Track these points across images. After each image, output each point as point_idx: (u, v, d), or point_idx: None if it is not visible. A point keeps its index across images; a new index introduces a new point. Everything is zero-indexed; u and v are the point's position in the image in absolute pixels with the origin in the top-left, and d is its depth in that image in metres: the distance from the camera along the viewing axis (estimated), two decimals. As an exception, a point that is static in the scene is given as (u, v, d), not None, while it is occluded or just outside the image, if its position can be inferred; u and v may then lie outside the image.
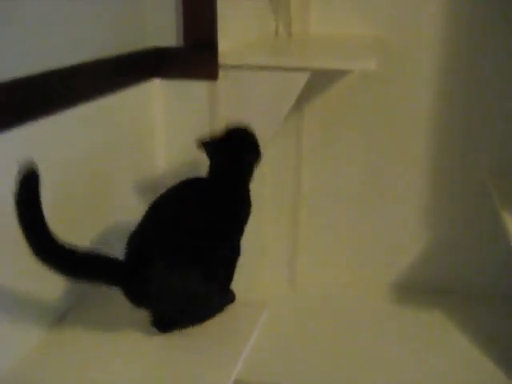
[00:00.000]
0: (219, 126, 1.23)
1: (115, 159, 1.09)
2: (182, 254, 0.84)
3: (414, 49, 1.57)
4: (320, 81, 1.55)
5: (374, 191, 1.71)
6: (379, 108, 1.63)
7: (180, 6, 1.16)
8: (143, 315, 0.88)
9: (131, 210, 0.98)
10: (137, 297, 0.84)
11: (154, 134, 1.24)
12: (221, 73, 1.19)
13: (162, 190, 0.93)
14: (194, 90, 1.21)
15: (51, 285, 0.91)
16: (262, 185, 1.61)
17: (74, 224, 0.93)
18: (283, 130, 1.52)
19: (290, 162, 1.72)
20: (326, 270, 1.76)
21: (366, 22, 1.57)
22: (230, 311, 0.96)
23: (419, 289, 1.73)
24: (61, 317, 0.95)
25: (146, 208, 0.90)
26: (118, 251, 0.85)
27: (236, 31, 1.30)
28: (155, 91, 1.22)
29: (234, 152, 0.99)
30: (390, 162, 1.68)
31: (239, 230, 0.96)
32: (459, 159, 1.64)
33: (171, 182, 0.95)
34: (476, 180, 1.62)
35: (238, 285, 0.99)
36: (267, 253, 1.74)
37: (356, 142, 1.67)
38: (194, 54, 1.19)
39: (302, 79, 1.17)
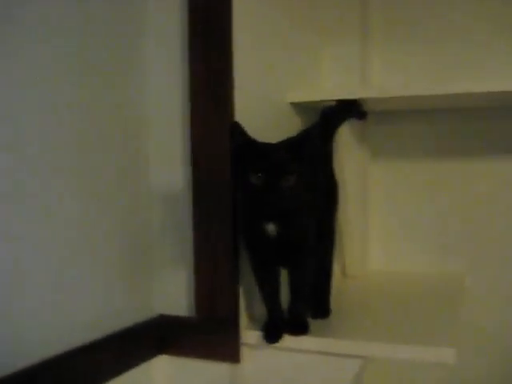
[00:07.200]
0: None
1: None
2: None
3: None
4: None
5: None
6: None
7: (192, 270, 0.91)
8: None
9: None
10: None
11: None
12: (244, 353, 0.89)
13: None
14: (210, 372, 0.91)
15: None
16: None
17: None
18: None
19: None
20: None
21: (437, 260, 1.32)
22: None
23: None
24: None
25: None
26: None
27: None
28: (161, 371, 0.93)
29: None
30: None
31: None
32: None
33: None
34: None
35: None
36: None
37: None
38: (208, 329, 0.91)
39: (353, 366, 0.85)
